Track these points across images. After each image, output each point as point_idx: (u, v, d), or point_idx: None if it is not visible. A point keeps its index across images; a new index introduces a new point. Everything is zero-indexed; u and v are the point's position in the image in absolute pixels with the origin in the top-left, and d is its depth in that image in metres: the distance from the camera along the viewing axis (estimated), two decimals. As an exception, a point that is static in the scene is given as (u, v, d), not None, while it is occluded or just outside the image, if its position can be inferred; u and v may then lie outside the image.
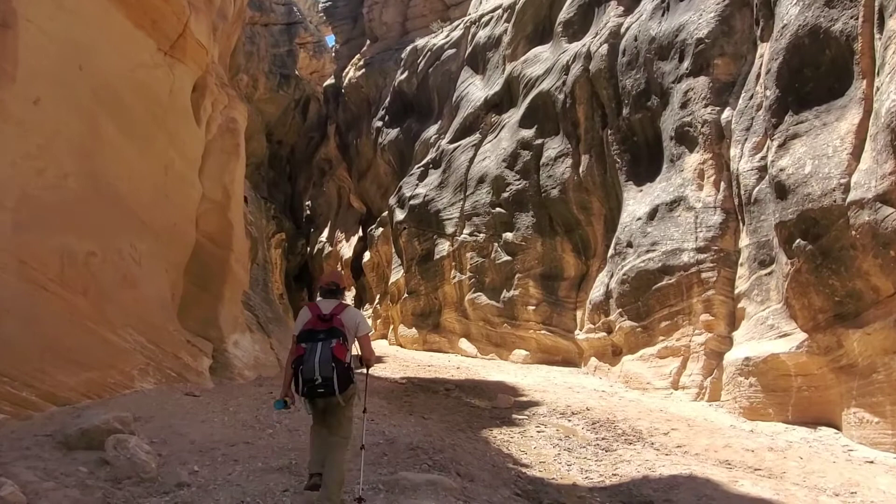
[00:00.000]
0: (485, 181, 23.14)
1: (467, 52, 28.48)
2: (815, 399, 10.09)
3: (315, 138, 51.77)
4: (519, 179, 21.34)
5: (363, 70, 37.86)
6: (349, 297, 52.65)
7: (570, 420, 10.80)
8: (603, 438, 9.15)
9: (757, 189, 11.60)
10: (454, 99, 28.27)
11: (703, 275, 12.91)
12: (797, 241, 9.68)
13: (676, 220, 13.87)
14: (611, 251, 16.78)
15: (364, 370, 5.58)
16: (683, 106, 14.17)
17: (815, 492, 6.58)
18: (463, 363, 20.64)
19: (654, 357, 14.23)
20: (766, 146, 11.69)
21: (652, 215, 14.73)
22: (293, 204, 48.71)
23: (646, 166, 16.51)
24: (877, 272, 8.42)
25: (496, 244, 22.12)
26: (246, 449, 6.68)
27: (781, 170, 10.01)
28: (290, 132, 47.20)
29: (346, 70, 41.20)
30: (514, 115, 22.99)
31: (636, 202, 16.07)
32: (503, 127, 23.49)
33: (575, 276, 19.87)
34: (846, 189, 8.69)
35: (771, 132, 10.60)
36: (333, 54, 50.09)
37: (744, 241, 12.24)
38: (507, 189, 21.70)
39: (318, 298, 5.52)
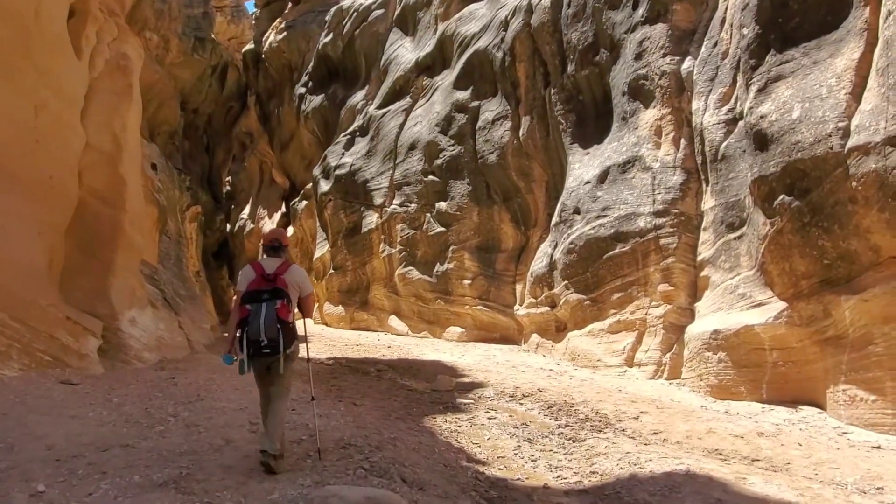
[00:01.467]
0: (416, 148, 21.59)
1: (396, 13, 26.72)
2: (794, 375, 9.06)
3: (234, 108, 48.97)
4: (453, 145, 19.88)
5: (284, 33, 35.53)
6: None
7: (521, 404, 9.49)
8: (566, 426, 7.86)
9: (725, 144, 10.47)
10: (382, 62, 26.51)
11: (662, 241, 11.78)
12: (780, 197, 8.56)
13: (631, 183, 12.70)
14: (555, 219, 15.54)
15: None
16: (638, 57, 12.96)
17: (838, 489, 5.42)
18: (394, 342, 19.17)
19: (605, 332, 13.09)
20: (733, 97, 10.57)
21: (602, 178, 13.52)
22: (211, 177, 45.95)
23: (593, 127, 15.30)
24: (881, 229, 7.34)
25: (429, 215, 20.65)
26: (122, 455, 5.04)
27: (762, 117, 8.86)
28: (207, 101, 44.29)
29: (267, 34, 38.73)
30: (447, 77, 21.47)
31: (583, 165, 14.85)
32: (436, 90, 21.96)
33: (514, 248, 18.61)
34: (845, 134, 7.58)
35: (749, 75, 9.43)
36: (253, 21, 47.33)
37: (708, 202, 11.14)
38: (441, 155, 20.22)
39: (262, 256, 5.59)
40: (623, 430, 7.63)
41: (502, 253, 18.74)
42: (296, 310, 5.52)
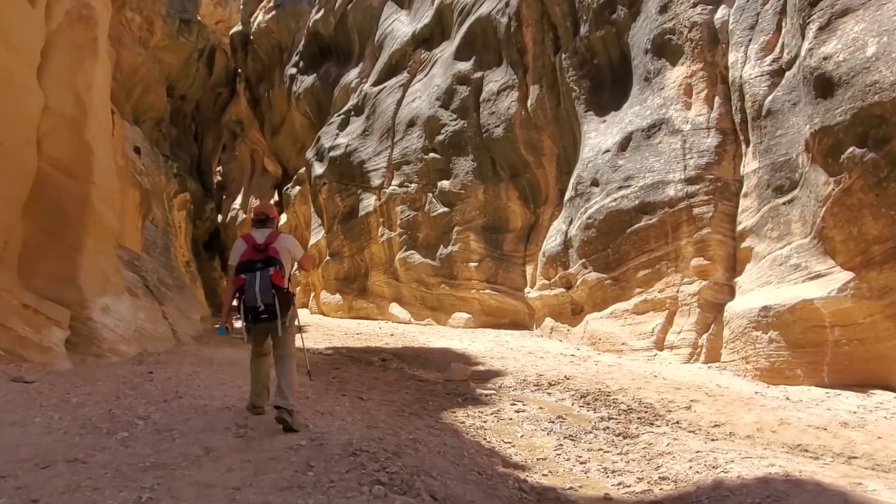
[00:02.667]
0: (416, 124, 20.37)
1: (391, -15, 25.40)
2: (860, 355, 7.93)
3: (223, 94, 47.55)
4: (456, 119, 18.67)
5: (273, 13, 34.16)
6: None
7: (549, 393, 8.35)
8: (609, 418, 6.72)
9: (770, 98, 9.31)
10: (377, 38, 25.22)
11: (696, 210, 10.62)
12: (849, 150, 7.41)
13: (657, 149, 11.53)
14: (569, 193, 14.38)
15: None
16: (663, 10, 11.78)
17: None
18: (397, 330, 18.01)
19: (630, 313, 11.96)
20: (778, 45, 9.42)
21: (624, 145, 12.36)
22: (200, 166, 44.51)
23: (609, 92, 14.13)
24: (985, 179, 6.21)
25: (430, 195, 19.45)
26: (67, 473, 3.88)
27: (825, 58, 7.69)
28: (195, 86, 42.82)
29: (255, 15, 37.34)
30: (447, 49, 20.23)
31: (600, 134, 13.68)
32: (435, 63, 20.71)
33: (522, 227, 17.46)
34: (937, 68, 6.43)
35: (806, 13, 8.24)
36: (242, 6, 45.89)
37: (749, 165, 9.97)
38: (443, 131, 19.01)
39: (252, 229, 5.66)
40: (677, 422, 6.49)
41: (510, 233, 17.59)
42: (291, 275, 5.68)
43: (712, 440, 5.73)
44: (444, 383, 9.29)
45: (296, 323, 5.76)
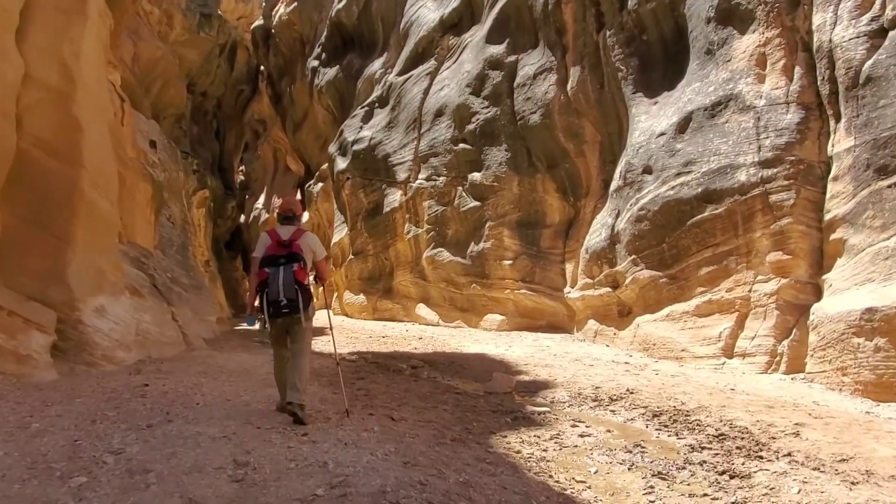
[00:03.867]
0: (444, 114, 19.13)
1: (417, -30, 24.18)
2: None
3: (245, 91, 46.75)
4: (488, 107, 17.40)
5: (295, 4, 33.09)
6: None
7: (613, 411, 7.04)
8: (701, 447, 5.40)
9: (870, 63, 7.94)
10: (402, 26, 24.03)
11: (773, 197, 9.25)
12: None
13: (723, 129, 10.17)
14: (616, 183, 13.05)
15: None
16: (730, -29, 10.41)
17: None
18: (425, 332, 16.77)
19: (691, 315, 10.61)
20: (878, 1, 8.01)
21: (682, 127, 11.01)
22: (222, 163, 43.68)
23: (661, 71, 12.80)
24: None
25: (460, 188, 18.20)
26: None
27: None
28: (216, 83, 42.00)
29: (276, 8, 36.33)
30: (477, 33, 18.98)
31: (652, 116, 12.34)
32: (465, 48, 19.47)
33: (561, 222, 16.15)
34: None
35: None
36: (263, 3, 44.95)
37: (842, 143, 8.59)
38: (474, 119, 17.75)
39: (277, 225, 5.83)
40: (789, 454, 5.16)
41: (547, 228, 16.29)
42: (312, 276, 5.83)
43: (852, 483, 4.40)
44: (486, 397, 8.02)
45: (312, 321, 5.71)
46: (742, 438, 5.62)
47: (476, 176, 17.49)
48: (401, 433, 5.43)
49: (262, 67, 43.55)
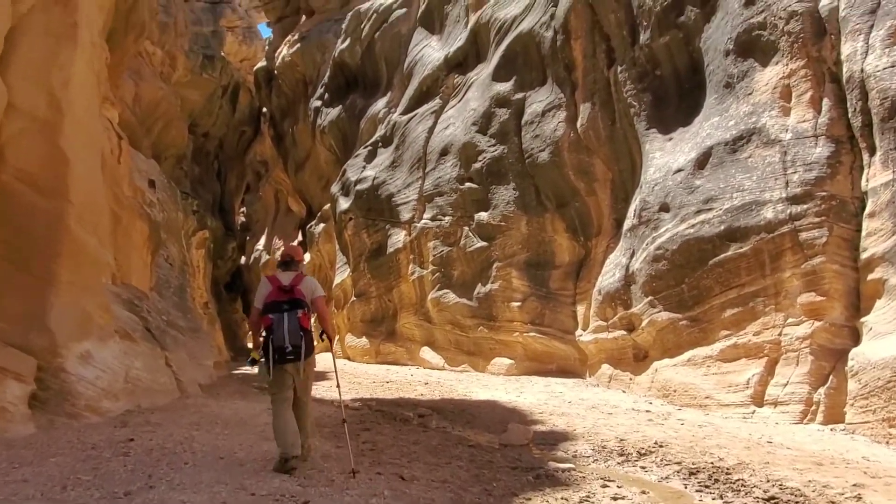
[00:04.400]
0: (449, 152, 18.75)
1: (420, 11, 24.06)
2: None
3: (247, 133, 46.73)
4: (494, 145, 17.02)
5: (298, 45, 33.06)
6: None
7: (644, 468, 6.43)
8: (752, 514, 4.79)
9: (907, 92, 7.49)
10: (406, 65, 23.84)
11: (803, 235, 8.73)
12: None
13: (747, 164, 9.71)
14: (630, 222, 12.57)
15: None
16: (750, 2, 10.05)
17: None
18: (430, 377, 16.12)
19: (714, 360, 10.01)
20: (913, 28, 7.61)
21: (702, 163, 10.56)
22: (223, 205, 43.42)
23: (675, 106, 12.42)
24: None
25: (467, 228, 17.72)
26: None
27: None
28: (218, 124, 42.01)
29: (279, 49, 36.33)
30: (483, 71, 18.70)
31: (667, 153, 11.92)
32: (470, 86, 19.17)
33: (571, 262, 15.62)
34: None
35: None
36: (266, 47, 45.14)
37: (877, 177, 8.10)
38: (480, 158, 17.35)
39: (277, 271, 5.84)
40: (855, 522, 4.55)
41: (557, 269, 15.76)
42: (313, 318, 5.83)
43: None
44: (502, 450, 7.40)
45: (314, 367, 5.87)
46: (796, 501, 5.01)
47: (483, 215, 17.03)
48: (414, 498, 4.83)
49: (264, 109, 43.54)
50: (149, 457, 5.51)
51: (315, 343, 5.61)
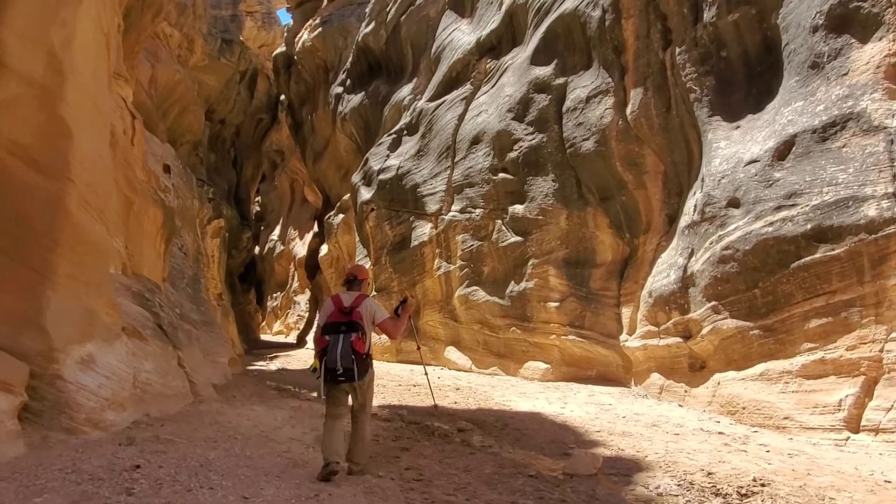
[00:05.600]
0: (482, 141, 17.61)
1: (450, -8, 22.92)
2: None
3: (264, 121, 45.81)
4: (532, 133, 15.87)
5: (319, 30, 31.99)
6: (303, 299, 46.72)
7: (751, 515, 5.30)
8: None
9: None
10: (434, 50, 22.70)
11: (913, 237, 7.56)
12: None
13: (840, 154, 8.53)
14: (688, 219, 11.40)
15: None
16: (846, -30, 8.86)
17: None
18: (459, 381, 15.03)
19: (794, 376, 8.85)
20: None
21: (782, 153, 9.37)
22: (238, 193, 42.47)
23: (743, 91, 11.23)
24: None
25: (499, 222, 16.61)
26: None
27: None
28: (235, 111, 41.04)
29: (299, 35, 35.27)
30: (520, 55, 17.53)
31: (734, 143, 10.74)
32: (504, 71, 18.02)
33: (614, 261, 14.48)
34: None
35: None
36: (285, 33, 44.10)
37: None
38: (516, 147, 16.21)
39: (342, 290, 6.03)
40: None
41: (598, 267, 14.61)
42: (371, 341, 5.82)
43: None
44: (569, 482, 6.30)
45: (374, 383, 5.96)
46: None
47: (518, 208, 15.90)
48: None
49: (282, 97, 42.56)
50: (156, 491, 4.45)
51: (371, 367, 5.76)
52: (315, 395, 13.18)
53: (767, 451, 7.53)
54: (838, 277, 8.34)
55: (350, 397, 5.74)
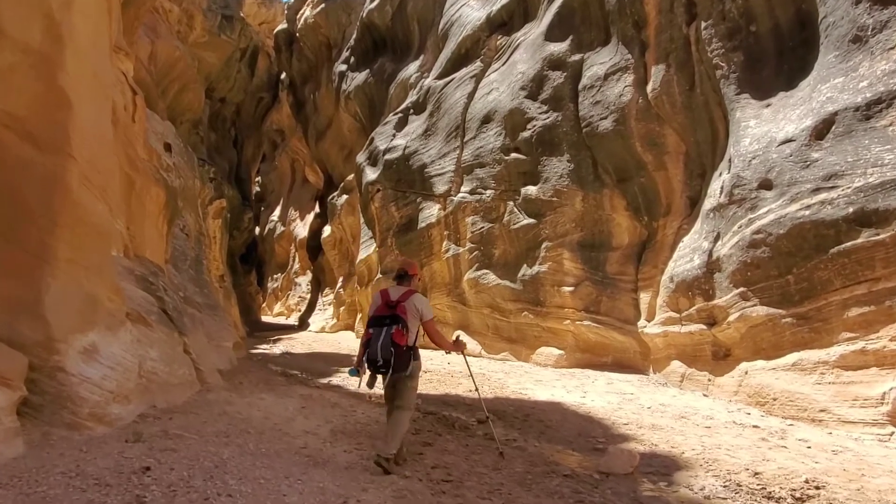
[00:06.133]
0: (493, 120, 17.09)
1: (459, -33, 22.26)
2: None
3: (265, 100, 45.14)
4: (547, 112, 15.35)
5: (322, 6, 31.30)
6: (304, 281, 46.28)
7: (813, 522, 4.89)
8: None
9: None
10: (441, 27, 22.12)
11: (969, 221, 7.11)
12: None
13: (885, 133, 8.05)
14: (715, 200, 10.93)
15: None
16: (895, -64, 8.33)
17: None
18: (472, 367, 14.56)
19: (831, 367, 8.43)
20: None
21: (821, 132, 8.88)
22: (239, 173, 41.85)
23: (774, 67, 10.72)
24: None
25: (511, 203, 16.13)
26: None
27: None
28: (236, 89, 40.27)
29: (301, 11, 34.56)
30: (533, 30, 16.98)
31: (765, 121, 10.25)
32: (517, 48, 17.46)
33: (631, 244, 14.04)
34: None
35: None
36: (286, 10, 43.29)
37: None
38: (529, 126, 15.69)
39: (391, 284, 6.10)
40: None
41: (614, 251, 14.17)
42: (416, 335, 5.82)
43: None
44: (607, 481, 5.89)
45: (418, 375, 5.92)
46: None
47: (531, 189, 15.42)
48: None
49: (283, 76, 41.89)
50: (172, 495, 4.03)
51: (415, 360, 5.72)
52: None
53: (809, 448, 7.12)
54: (882, 264, 7.89)
55: (394, 390, 5.74)
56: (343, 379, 12.69)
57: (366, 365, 5.63)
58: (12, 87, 5.27)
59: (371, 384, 5.68)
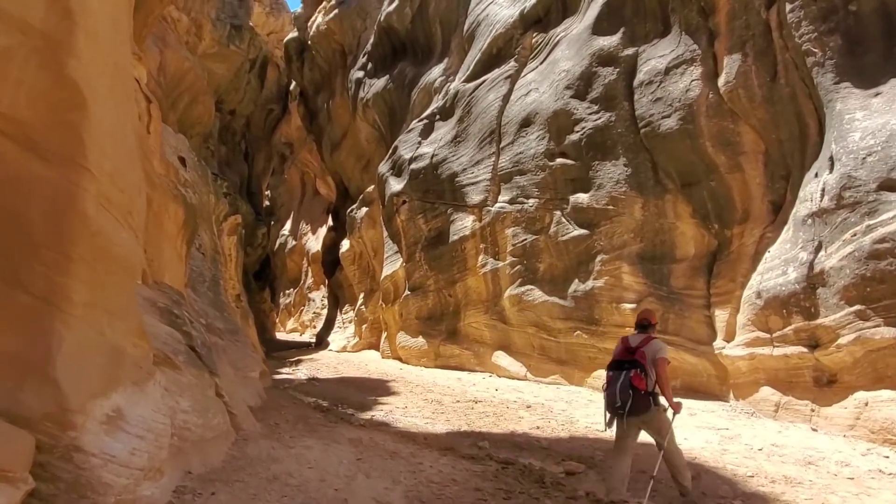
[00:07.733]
0: (533, 123, 15.75)
1: (484, -37, 21.00)
2: None
3: (275, 111, 44.01)
4: (597, 112, 14.00)
5: (335, 12, 30.07)
6: (318, 296, 44.97)
7: None
8: None
9: None
10: (466, 27, 20.83)
11: None
12: None
13: None
14: (814, 205, 9.55)
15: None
16: None
17: None
18: (522, 394, 13.22)
19: None
20: None
21: (964, 121, 7.52)
22: (250, 187, 40.65)
23: (881, 51, 9.39)
24: None
25: (558, 213, 14.77)
26: None
27: None
28: (246, 101, 39.20)
29: (312, 19, 33.35)
30: (575, 25, 15.67)
31: (877, 112, 8.90)
32: (556, 45, 16.14)
33: (698, 256, 12.65)
34: None
35: None
36: (294, 18, 42.16)
37: None
38: (578, 128, 14.35)
39: (632, 332, 6.30)
40: None
41: (678, 263, 12.79)
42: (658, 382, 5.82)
43: None
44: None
45: (666, 416, 5.90)
46: None
47: (582, 197, 14.05)
48: None
49: (292, 86, 40.71)
50: None
51: (655, 404, 5.74)
52: (367, 417, 11.69)
53: None
54: None
55: (640, 430, 5.91)
56: (385, 413, 11.37)
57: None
58: (8, 79, 3.95)
59: (609, 424, 5.81)
